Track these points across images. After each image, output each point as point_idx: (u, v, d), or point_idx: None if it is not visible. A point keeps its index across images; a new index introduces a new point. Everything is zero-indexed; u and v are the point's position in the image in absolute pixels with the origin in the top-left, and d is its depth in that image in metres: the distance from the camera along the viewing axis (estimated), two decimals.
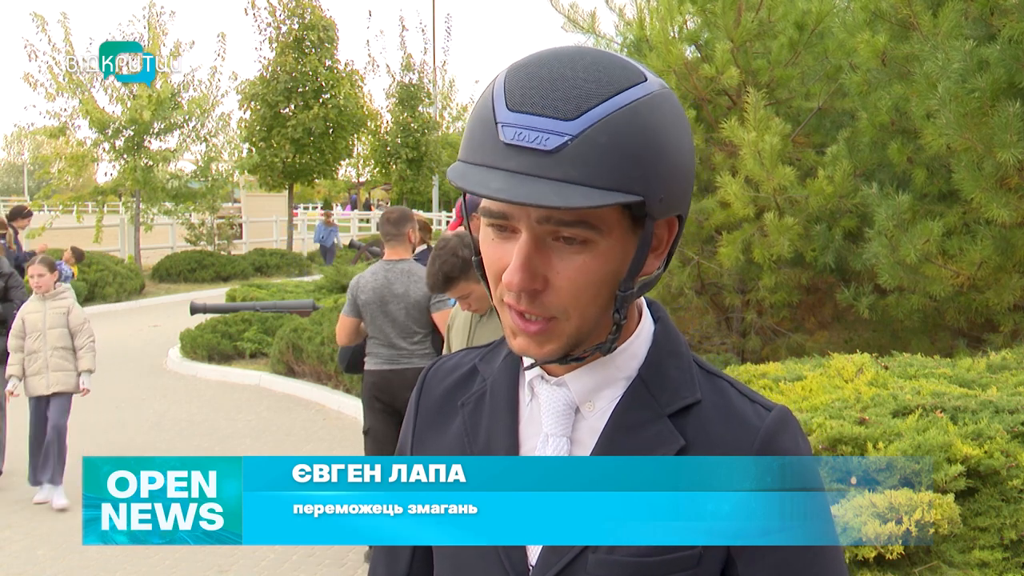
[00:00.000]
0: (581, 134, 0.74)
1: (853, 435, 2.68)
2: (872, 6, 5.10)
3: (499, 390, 0.95)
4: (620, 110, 0.76)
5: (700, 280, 6.56)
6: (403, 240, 4.32)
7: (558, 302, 0.80)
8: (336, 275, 11.70)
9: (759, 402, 0.90)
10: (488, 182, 0.75)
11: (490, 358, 1.00)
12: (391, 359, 4.24)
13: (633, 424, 0.87)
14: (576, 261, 0.79)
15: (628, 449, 0.86)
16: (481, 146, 0.78)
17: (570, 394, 0.89)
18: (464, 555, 0.91)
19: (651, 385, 0.88)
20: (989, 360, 3.82)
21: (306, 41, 20.15)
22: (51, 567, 4.38)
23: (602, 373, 0.89)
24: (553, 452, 0.88)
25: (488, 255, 0.84)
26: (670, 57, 6.00)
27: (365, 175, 28.24)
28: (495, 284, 0.84)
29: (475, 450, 0.93)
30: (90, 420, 7.25)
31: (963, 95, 4.18)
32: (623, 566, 0.83)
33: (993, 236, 4.52)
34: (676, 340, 0.93)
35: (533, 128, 0.75)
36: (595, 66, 0.77)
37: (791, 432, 0.88)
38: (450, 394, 1.00)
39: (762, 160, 5.31)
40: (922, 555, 2.44)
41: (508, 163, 0.75)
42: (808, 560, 0.85)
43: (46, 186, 18.04)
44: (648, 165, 0.77)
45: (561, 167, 0.74)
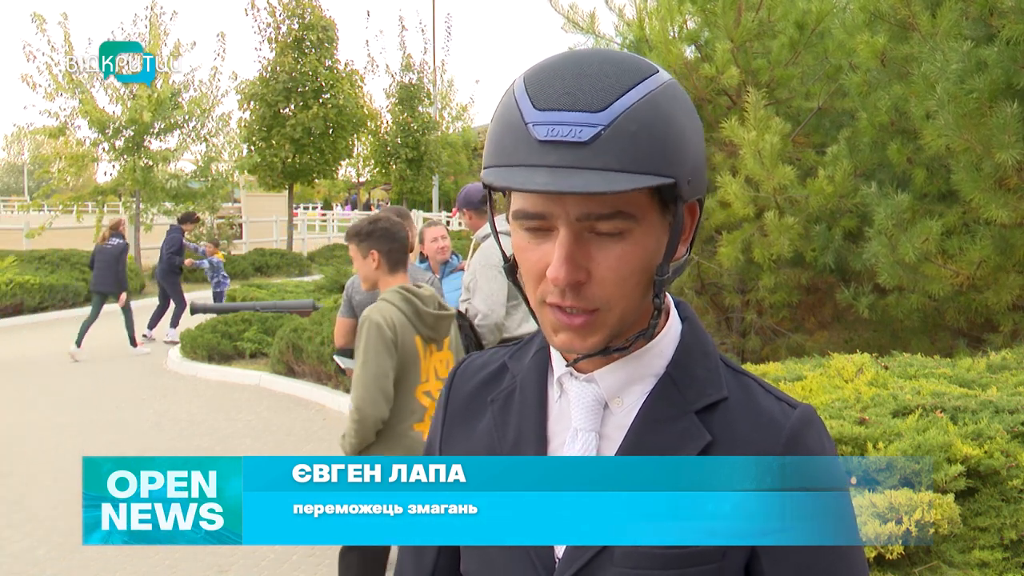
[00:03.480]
0: (612, 123, 0.77)
1: (853, 435, 2.68)
2: (871, 7, 5.10)
3: (528, 387, 0.96)
4: (643, 99, 0.78)
5: (700, 280, 6.56)
6: None
7: (602, 293, 0.82)
8: (336, 275, 11.70)
9: (785, 400, 0.91)
10: (533, 178, 0.76)
11: (519, 355, 1.01)
12: None
13: (660, 420, 0.88)
14: (616, 251, 0.81)
15: (655, 445, 0.87)
16: (514, 149, 0.79)
17: (599, 390, 0.90)
18: (491, 550, 0.93)
19: (679, 382, 0.90)
20: (989, 360, 3.82)
21: (306, 41, 20.15)
22: (51, 567, 4.38)
23: (631, 370, 0.90)
24: (582, 447, 0.90)
25: (526, 259, 0.84)
26: (670, 57, 6.00)
27: (365, 175, 28.24)
28: (535, 286, 0.85)
29: (504, 447, 0.94)
30: (90, 420, 7.25)
31: (961, 96, 4.18)
32: (650, 557, 0.84)
33: (992, 236, 4.52)
34: (703, 338, 0.94)
35: (565, 123, 0.77)
36: (610, 62, 0.80)
37: (816, 430, 0.89)
38: (479, 391, 1.01)
39: (762, 160, 5.31)
40: (922, 555, 2.44)
41: (547, 159, 0.77)
42: (832, 560, 0.86)
43: (45, 186, 18.02)
44: (674, 149, 0.79)
45: (599, 157, 0.76)
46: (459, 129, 33.29)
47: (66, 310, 13.42)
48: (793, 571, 0.85)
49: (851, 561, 0.87)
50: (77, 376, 9.07)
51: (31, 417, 7.32)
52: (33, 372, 9.23)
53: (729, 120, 5.56)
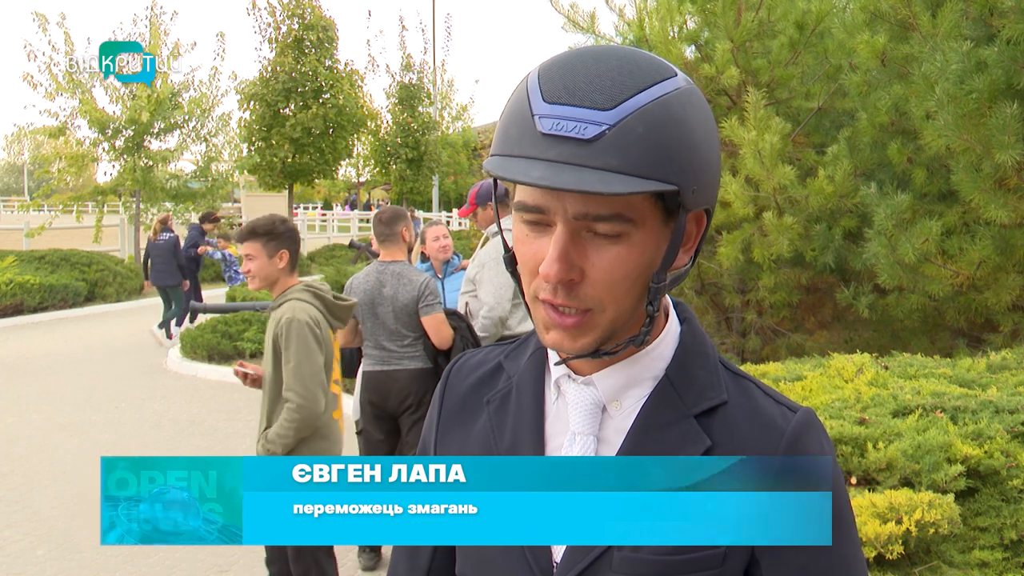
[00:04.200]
0: (619, 123, 0.75)
1: (853, 435, 2.68)
2: (872, 7, 5.10)
3: (525, 388, 0.95)
4: (654, 101, 0.76)
5: (700, 280, 6.56)
6: (396, 240, 4.25)
7: (594, 294, 0.81)
8: (336, 275, 11.68)
9: (784, 403, 0.90)
10: (529, 171, 0.75)
11: (515, 356, 1.00)
12: (382, 360, 4.22)
13: (659, 424, 0.87)
14: (611, 252, 0.80)
15: (654, 449, 0.86)
16: (519, 138, 0.78)
17: (597, 393, 0.89)
18: (488, 552, 0.92)
19: (678, 385, 0.89)
20: (989, 360, 3.82)
21: (306, 41, 20.14)
22: (51, 567, 4.38)
23: (629, 373, 0.89)
24: (580, 450, 0.89)
25: (522, 252, 0.84)
26: (670, 57, 6.00)
27: (365, 175, 28.22)
28: (529, 280, 0.84)
29: (501, 448, 0.93)
30: (90, 420, 7.25)
31: (961, 96, 4.18)
32: (648, 564, 0.83)
33: (992, 236, 4.52)
34: (702, 341, 0.93)
35: (571, 118, 0.75)
36: (627, 60, 0.79)
37: (816, 434, 0.88)
38: (475, 391, 1.01)
39: (762, 159, 5.31)
40: (922, 555, 2.44)
41: (548, 153, 0.76)
42: (831, 562, 0.86)
43: (45, 186, 18.01)
44: (682, 156, 0.78)
45: (600, 156, 0.75)
46: (459, 129, 33.29)
47: (66, 310, 13.41)
48: (792, 574, 0.85)
49: (850, 562, 0.87)
50: (77, 376, 9.07)
51: (31, 417, 7.32)
52: (33, 372, 9.23)
53: (729, 120, 5.56)
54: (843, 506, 0.86)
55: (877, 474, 2.60)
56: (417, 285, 4.16)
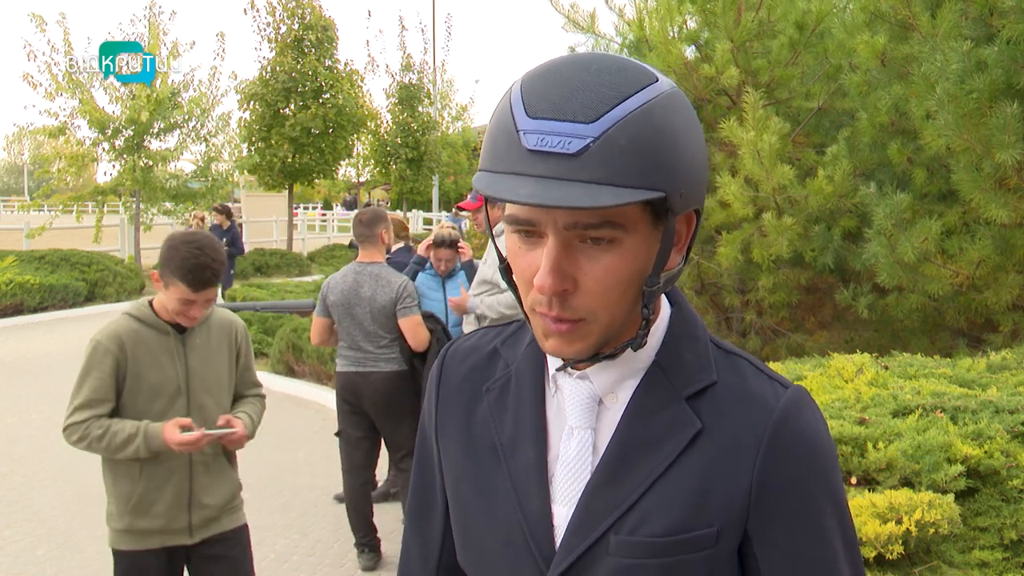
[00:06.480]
0: (602, 136, 0.75)
1: (853, 435, 2.68)
2: (871, 7, 5.10)
3: (524, 379, 0.97)
4: (636, 111, 0.77)
5: (700, 280, 6.56)
6: (375, 241, 4.27)
7: (587, 304, 0.82)
8: None
9: (777, 380, 0.91)
10: (517, 188, 0.76)
11: (512, 342, 1.02)
12: (357, 361, 4.22)
13: (650, 410, 0.89)
14: (603, 261, 0.81)
15: (645, 435, 0.88)
16: (505, 154, 0.79)
17: (593, 387, 0.91)
18: (488, 541, 0.94)
19: (667, 370, 0.90)
20: (989, 360, 3.82)
21: (305, 41, 20.13)
22: (51, 567, 4.38)
23: (623, 365, 0.90)
24: (577, 444, 0.91)
25: (517, 264, 0.85)
26: (670, 57, 6.00)
27: (365, 175, 28.20)
28: (526, 292, 0.85)
29: (501, 438, 0.95)
30: None
31: (961, 96, 4.18)
32: (645, 547, 0.85)
33: (992, 236, 4.52)
34: (692, 322, 0.94)
35: (554, 133, 0.76)
36: (608, 70, 0.79)
37: (806, 412, 0.89)
38: (471, 377, 1.02)
39: (761, 159, 5.31)
40: (922, 555, 2.44)
41: (535, 169, 0.76)
42: (823, 540, 0.87)
43: (45, 186, 18.00)
44: (667, 162, 0.78)
45: (587, 169, 0.75)
46: (459, 129, 33.30)
47: (66, 310, 13.41)
48: (784, 552, 0.87)
49: (842, 540, 0.89)
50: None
51: (31, 417, 7.31)
52: (33, 372, 9.23)
53: (728, 120, 5.56)
54: (834, 482, 0.88)
55: (877, 474, 2.60)
56: (395, 287, 4.17)
